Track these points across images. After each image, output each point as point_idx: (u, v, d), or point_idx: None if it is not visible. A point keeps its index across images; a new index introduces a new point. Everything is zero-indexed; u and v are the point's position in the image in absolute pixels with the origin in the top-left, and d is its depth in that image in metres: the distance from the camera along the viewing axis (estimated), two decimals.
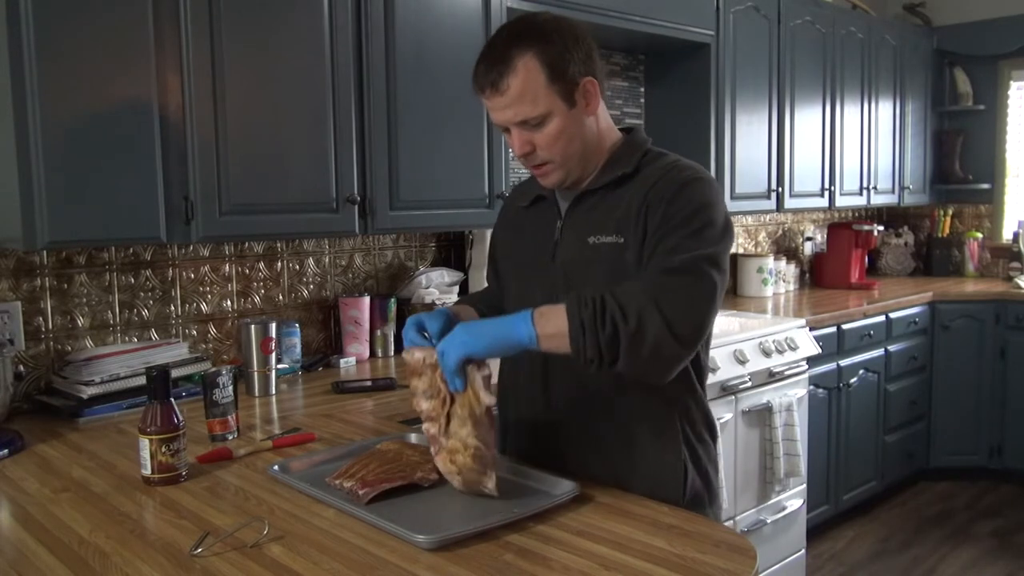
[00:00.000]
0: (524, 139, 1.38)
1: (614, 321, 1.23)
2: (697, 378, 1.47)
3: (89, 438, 1.83)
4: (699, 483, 1.46)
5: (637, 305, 1.24)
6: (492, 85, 1.35)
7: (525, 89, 1.33)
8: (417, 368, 1.36)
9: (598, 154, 1.45)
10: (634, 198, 1.39)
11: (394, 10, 2.35)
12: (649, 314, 1.24)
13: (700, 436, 1.48)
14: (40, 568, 1.17)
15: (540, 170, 1.42)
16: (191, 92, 1.98)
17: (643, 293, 1.26)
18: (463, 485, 1.35)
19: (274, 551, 1.18)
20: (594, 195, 1.45)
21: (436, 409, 1.35)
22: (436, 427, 1.35)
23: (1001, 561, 3.39)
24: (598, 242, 1.41)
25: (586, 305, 1.24)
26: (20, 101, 1.75)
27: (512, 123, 1.37)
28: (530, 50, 1.33)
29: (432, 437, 1.36)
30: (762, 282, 4.01)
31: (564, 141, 1.38)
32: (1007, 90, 4.74)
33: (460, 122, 2.53)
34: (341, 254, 2.73)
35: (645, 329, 1.23)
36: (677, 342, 1.26)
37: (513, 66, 1.33)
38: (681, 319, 1.25)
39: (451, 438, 1.33)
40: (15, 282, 2.09)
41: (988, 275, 4.77)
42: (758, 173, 3.65)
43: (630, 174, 1.42)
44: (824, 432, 3.51)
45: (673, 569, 1.10)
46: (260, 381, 2.20)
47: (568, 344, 1.26)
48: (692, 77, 3.46)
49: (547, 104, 1.34)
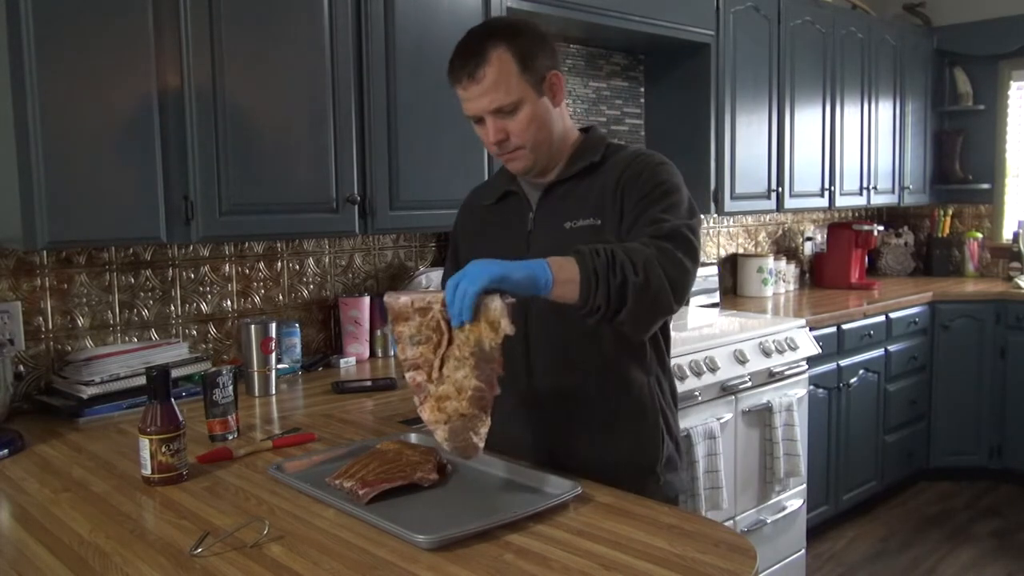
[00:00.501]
0: (499, 127, 1.47)
1: (624, 272, 1.28)
2: (666, 350, 1.61)
3: (89, 438, 1.83)
4: (671, 447, 1.60)
5: (644, 259, 1.31)
6: (469, 75, 1.44)
7: (499, 78, 1.43)
8: (403, 313, 1.30)
9: (563, 146, 1.55)
10: (607, 182, 1.50)
11: (394, 10, 2.35)
12: (653, 268, 1.31)
13: (669, 404, 1.62)
14: (40, 568, 1.17)
15: (512, 155, 1.51)
16: (191, 92, 1.98)
17: (647, 249, 1.33)
18: (448, 436, 1.30)
19: (274, 551, 1.18)
20: (564, 185, 1.55)
21: (426, 354, 1.30)
22: (423, 374, 1.30)
23: (1001, 561, 3.39)
24: (575, 226, 1.49)
25: (598, 255, 1.28)
26: (20, 101, 1.76)
27: (487, 111, 1.46)
28: (502, 43, 1.44)
29: (418, 385, 1.31)
30: (762, 282, 4.01)
31: (535, 127, 1.48)
32: (1007, 90, 4.74)
33: (460, 122, 2.50)
34: (341, 254, 2.73)
35: (651, 281, 1.30)
36: (673, 297, 1.35)
37: (488, 57, 1.43)
38: (677, 277, 1.35)
39: (443, 383, 1.29)
40: (15, 282, 2.09)
41: (988, 275, 4.77)
42: (758, 173, 3.65)
43: (597, 163, 1.53)
44: (824, 432, 3.51)
45: (673, 569, 1.10)
46: (260, 381, 2.20)
47: (576, 292, 1.28)
48: (692, 77, 3.46)
49: (519, 92, 1.45)
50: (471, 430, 1.30)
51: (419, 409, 1.33)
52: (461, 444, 1.32)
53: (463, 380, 1.27)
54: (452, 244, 1.77)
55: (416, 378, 1.32)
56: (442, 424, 1.30)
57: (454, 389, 1.28)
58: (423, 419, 1.33)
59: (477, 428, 1.30)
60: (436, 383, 1.30)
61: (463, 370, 1.27)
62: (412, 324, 1.31)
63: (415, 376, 1.32)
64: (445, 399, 1.29)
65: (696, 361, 2.72)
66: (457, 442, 1.31)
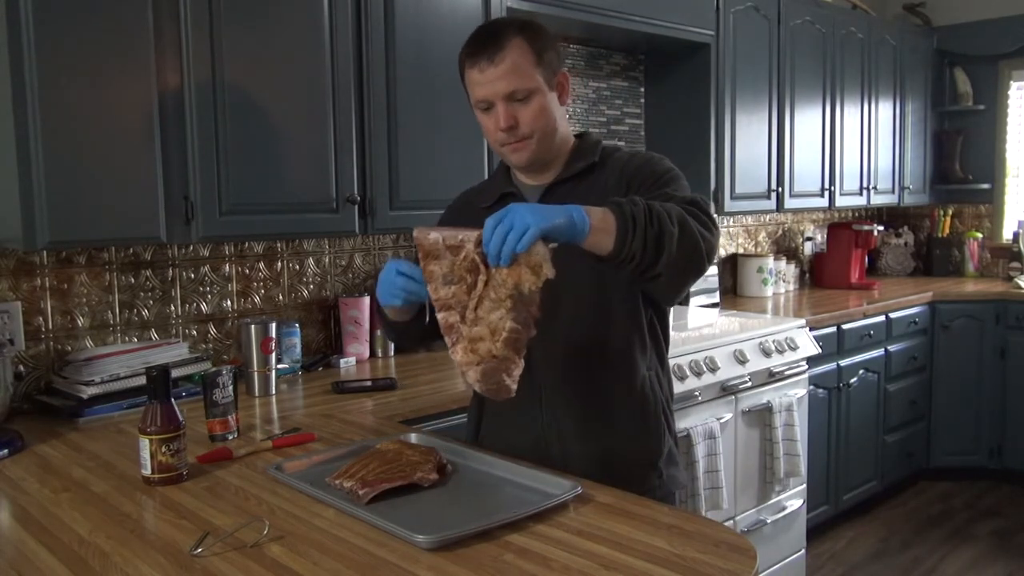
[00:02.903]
0: (509, 112, 1.48)
1: (661, 221, 1.27)
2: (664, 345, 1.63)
3: (89, 438, 1.83)
4: (671, 443, 1.62)
5: (679, 214, 1.31)
6: (488, 58, 1.46)
7: (518, 63, 1.46)
8: (434, 250, 1.26)
9: (563, 146, 1.57)
10: (610, 180, 1.52)
11: (394, 10, 2.35)
12: (687, 223, 1.31)
13: (668, 401, 1.64)
14: (40, 568, 1.18)
15: (518, 144, 1.50)
16: (191, 91, 1.98)
17: (678, 207, 1.33)
18: (481, 377, 1.26)
19: (274, 551, 1.18)
20: (564, 185, 1.56)
21: (459, 295, 1.25)
22: (456, 315, 1.26)
23: (1001, 561, 3.39)
24: None
25: (636, 204, 1.27)
26: (20, 101, 1.76)
27: (502, 95, 1.46)
28: (519, 34, 1.48)
29: (451, 326, 1.27)
30: (762, 282, 4.01)
31: (545, 118, 1.50)
32: (1007, 90, 4.74)
33: (460, 122, 2.53)
34: (341, 254, 2.73)
35: (686, 234, 1.30)
36: (706, 254, 1.35)
37: (507, 42, 1.46)
38: (707, 236, 1.35)
39: (477, 324, 1.24)
40: (15, 282, 2.09)
41: (988, 275, 4.77)
42: (758, 173, 3.65)
43: (597, 163, 1.56)
44: (824, 432, 3.51)
45: (673, 569, 1.10)
46: (260, 381, 2.20)
47: (612, 241, 1.24)
48: (692, 77, 3.46)
49: (534, 81, 1.47)
50: (504, 371, 1.26)
51: (451, 350, 1.29)
52: (494, 386, 1.27)
53: (498, 322, 1.23)
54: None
55: (449, 319, 1.27)
56: (474, 366, 1.26)
57: (488, 331, 1.24)
58: (455, 360, 1.29)
59: (511, 370, 1.26)
60: (470, 324, 1.25)
61: (499, 311, 1.22)
62: (444, 263, 1.26)
63: (447, 317, 1.27)
64: (478, 340, 1.25)
65: (696, 361, 2.72)
66: (489, 384, 1.27)
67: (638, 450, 1.57)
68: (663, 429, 1.60)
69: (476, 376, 1.27)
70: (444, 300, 1.27)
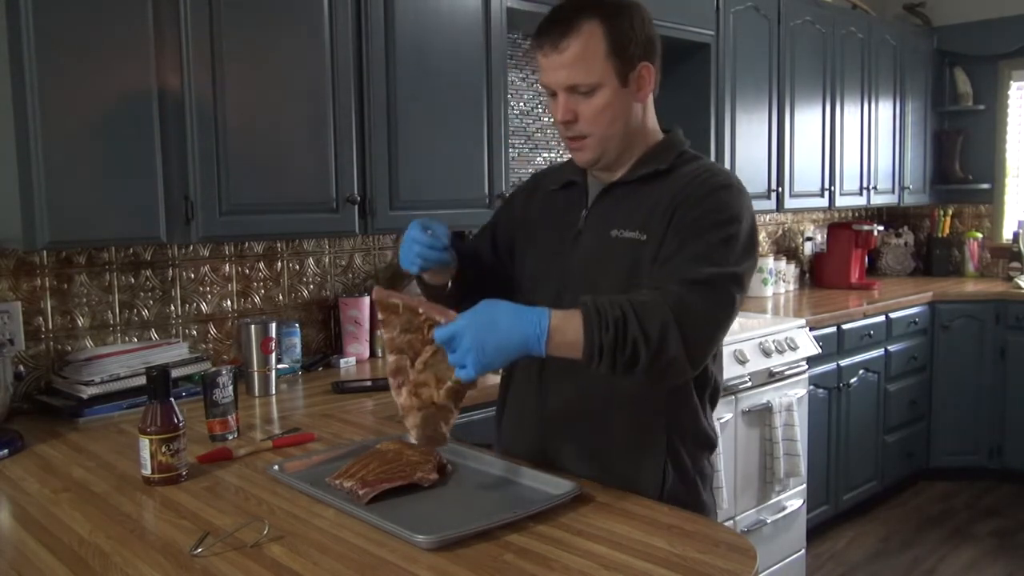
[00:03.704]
0: (569, 106, 1.37)
1: (635, 345, 1.21)
2: (697, 390, 1.45)
3: (89, 438, 1.83)
4: (681, 490, 1.44)
5: (660, 322, 1.22)
6: (552, 44, 1.34)
7: (584, 54, 1.33)
8: (393, 308, 1.32)
9: (636, 145, 1.44)
10: (663, 197, 1.38)
11: (394, 10, 2.35)
12: (670, 332, 1.22)
13: (687, 446, 1.46)
14: (40, 568, 1.17)
15: (576, 143, 1.41)
16: (191, 92, 1.98)
17: (665, 308, 1.23)
18: (420, 422, 1.31)
19: (274, 551, 1.18)
20: (624, 187, 1.44)
21: (414, 343, 1.31)
22: (406, 359, 1.32)
23: (1001, 561, 3.39)
24: (620, 236, 1.40)
25: (607, 329, 1.20)
26: (20, 101, 1.75)
27: (563, 86, 1.36)
28: (597, 17, 1.34)
29: (399, 369, 1.32)
30: (762, 282, 4.01)
31: (608, 118, 1.37)
32: (1007, 90, 4.74)
33: (460, 122, 2.53)
34: (341, 254, 2.73)
35: (666, 350, 1.22)
36: (689, 363, 1.26)
37: (577, 28, 1.33)
38: (698, 340, 1.26)
39: (425, 371, 1.31)
40: (15, 282, 2.09)
41: (988, 275, 4.77)
42: (758, 173, 3.65)
43: (663, 171, 1.41)
44: (824, 432, 3.51)
45: (673, 569, 1.10)
46: (260, 381, 2.20)
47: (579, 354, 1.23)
48: (692, 77, 3.46)
49: (600, 75, 1.35)
50: (442, 419, 1.32)
51: (394, 392, 1.33)
52: (430, 432, 1.32)
53: (445, 371, 1.28)
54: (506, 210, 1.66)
55: (400, 362, 1.33)
56: (415, 410, 1.31)
57: (434, 377, 1.30)
58: (398, 402, 1.33)
59: (448, 419, 1.32)
60: (417, 371, 1.31)
61: (444, 362, 1.27)
62: (403, 318, 1.33)
63: (399, 360, 1.33)
64: (423, 385, 1.31)
65: None
66: (427, 430, 1.32)
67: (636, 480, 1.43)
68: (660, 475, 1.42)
69: (415, 421, 1.31)
70: (398, 344, 1.33)
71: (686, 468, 1.46)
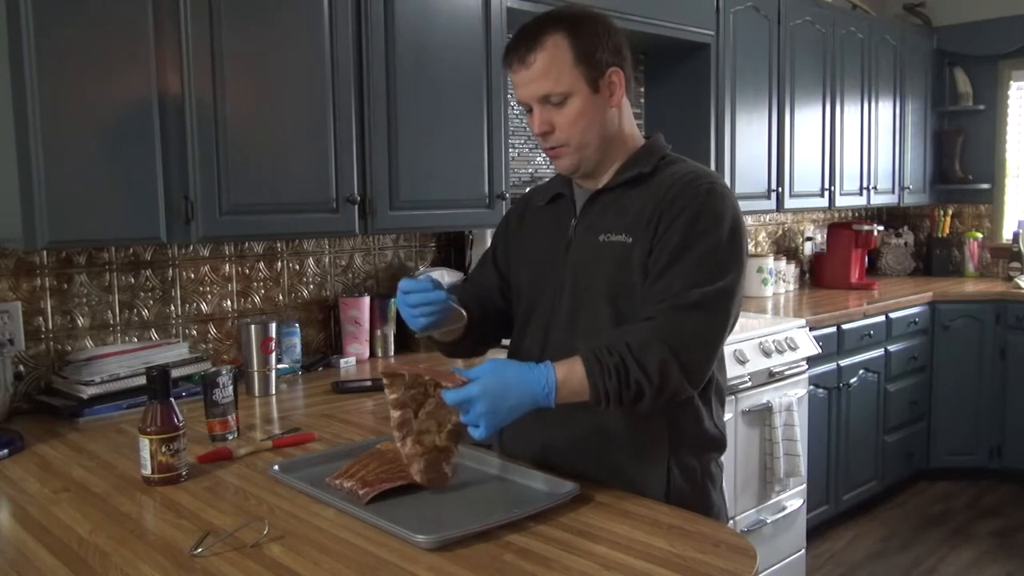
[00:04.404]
0: (544, 118, 1.40)
1: (639, 386, 1.29)
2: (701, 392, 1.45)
3: (89, 438, 1.83)
4: (687, 491, 1.45)
5: (658, 360, 1.29)
6: (519, 59, 1.39)
7: (550, 65, 1.37)
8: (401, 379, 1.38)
9: (617, 151, 1.47)
10: (647, 203, 1.40)
11: (394, 10, 2.35)
12: (669, 366, 1.29)
13: (692, 447, 1.46)
14: (40, 568, 1.17)
15: (554, 152, 1.44)
16: (191, 92, 1.98)
17: (661, 345, 1.29)
18: (424, 467, 1.37)
19: (274, 551, 1.18)
20: (610, 194, 1.47)
21: (417, 397, 1.38)
22: (410, 412, 1.38)
23: (1001, 561, 3.39)
24: (608, 240, 1.43)
25: (610, 377, 1.28)
26: (20, 101, 1.75)
27: (534, 98, 1.40)
28: (560, 29, 1.38)
29: (404, 422, 1.38)
30: (762, 282, 4.01)
31: (582, 125, 1.40)
32: (1007, 90, 4.74)
33: (460, 122, 2.53)
34: (341, 254, 2.73)
35: (667, 384, 1.30)
36: (691, 386, 1.34)
37: (541, 42, 1.37)
38: (697, 365, 1.33)
39: (427, 419, 1.38)
40: (15, 282, 2.09)
41: (988, 275, 4.77)
42: (758, 173, 3.65)
43: (647, 174, 1.44)
44: (824, 432, 3.51)
45: (673, 569, 1.10)
46: (260, 381, 2.20)
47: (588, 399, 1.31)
48: (692, 77, 3.46)
49: (570, 83, 1.38)
50: (444, 461, 1.39)
51: (400, 443, 1.38)
52: (434, 475, 1.38)
53: (445, 416, 1.37)
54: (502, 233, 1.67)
55: (404, 416, 1.38)
56: (419, 457, 1.37)
57: (435, 423, 1.38)
58: (403, 452, 1.39)
59: (449, 459, 1.40)
60: (420, 420, 1.38)
61: (445, 409, 1.35)
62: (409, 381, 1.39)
63: (403, 414, 1.38)
64: (425, 433, 1.38)
65: None
66: (431, 474, 1.38)
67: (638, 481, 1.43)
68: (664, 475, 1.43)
69: (420, 467, 1.38)
70: (402, 401, 1.38)
71: (692, 468, 1.47)
